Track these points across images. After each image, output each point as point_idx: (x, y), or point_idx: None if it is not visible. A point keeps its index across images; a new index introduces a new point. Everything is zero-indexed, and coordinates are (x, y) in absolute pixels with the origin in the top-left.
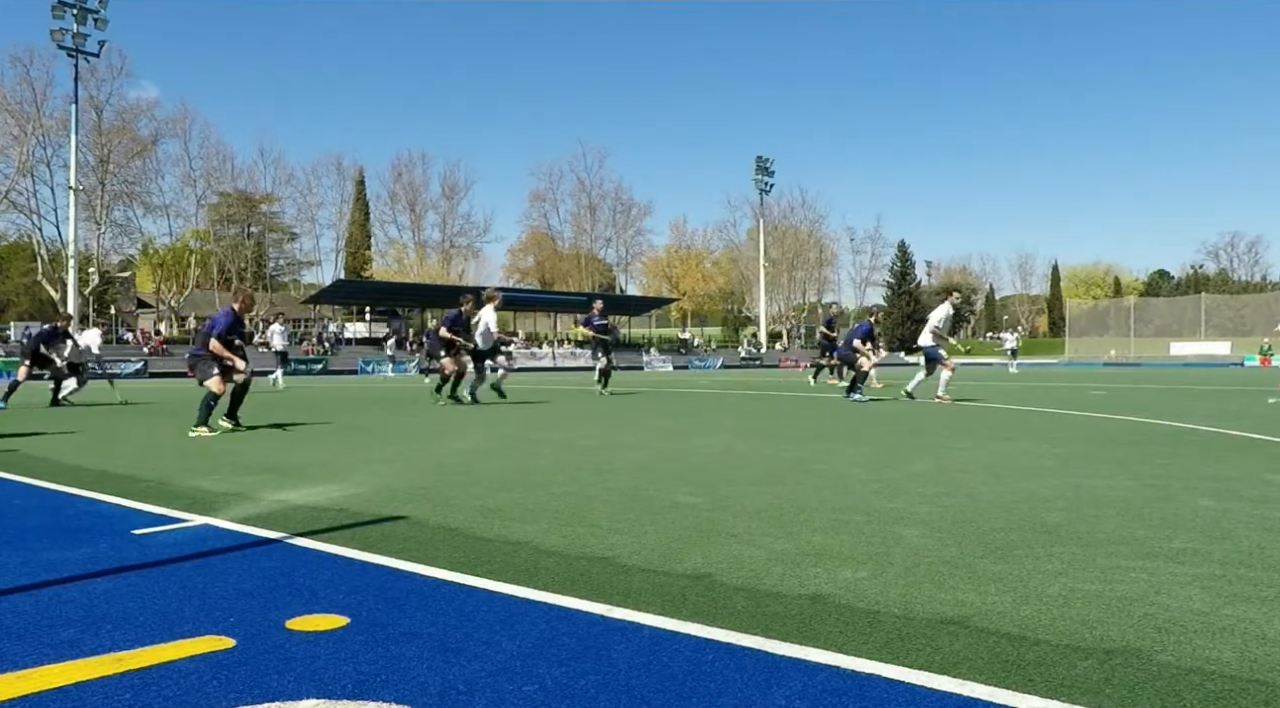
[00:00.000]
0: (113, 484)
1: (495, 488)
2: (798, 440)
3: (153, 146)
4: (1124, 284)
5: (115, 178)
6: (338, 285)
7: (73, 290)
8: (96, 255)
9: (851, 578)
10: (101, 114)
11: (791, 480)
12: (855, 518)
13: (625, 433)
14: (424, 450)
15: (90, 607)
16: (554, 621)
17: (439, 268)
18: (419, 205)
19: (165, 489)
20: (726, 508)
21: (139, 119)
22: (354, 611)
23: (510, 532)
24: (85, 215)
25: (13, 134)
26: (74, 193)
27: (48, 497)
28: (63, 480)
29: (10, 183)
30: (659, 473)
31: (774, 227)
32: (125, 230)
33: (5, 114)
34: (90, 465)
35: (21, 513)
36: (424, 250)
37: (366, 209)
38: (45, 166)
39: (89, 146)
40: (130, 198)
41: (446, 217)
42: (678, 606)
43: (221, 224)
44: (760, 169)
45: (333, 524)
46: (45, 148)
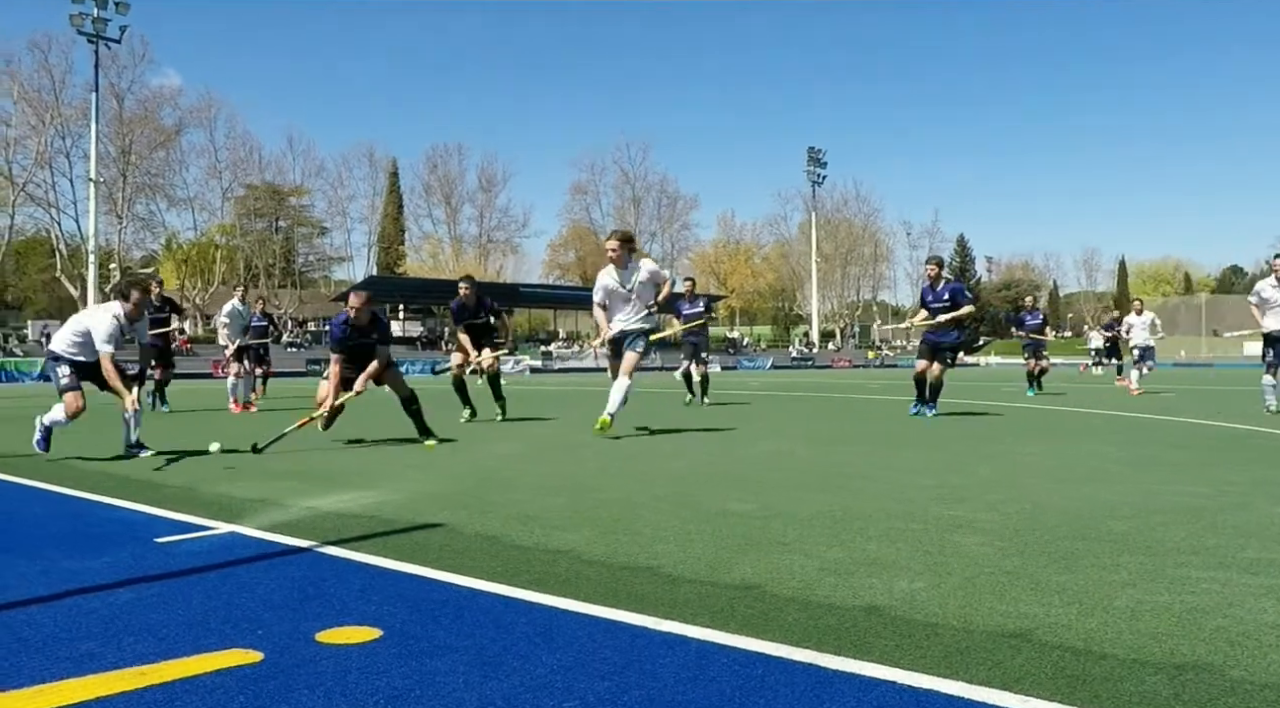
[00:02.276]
0: (135, 490)
1: (534, 494)
2: (852, 444)
3: (176, 137)
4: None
5: (137, 169)
6: (370, 282)
7: (93, 287)
8: (118, 251)
9: (908, 589)
10: (123, 103)
11: (846, 486)
12: (913, 526)
13: (671, 437)
14: (460, 455)
15: (111, 618)
16: (596, 633)
17: (476, 264)
18: (455, 198)
19: (190, 495)
20: (777, 515)
21: (162, 108)
22: (386, 623)
23: (550, 540)
24: (106, 209)
25: (30, 124)
26: (94, 185)
27: (67, 503)
28: (83, 486)
29: (28, 175)
30: (706, 479)
31: (826, 220)
32: (148, 224)
33: (23, 103)
34: (111, 470)
35: (40, 520)
36: (460, 245)
37: (400, 202)
38: (64, 158)
39: (110, 137)
40: (153, 190)
41: (484, 210)
42: (726, 618)
43: (248, 218)
44: (812, 160)
45: (364, 532)
46: (64, 138)
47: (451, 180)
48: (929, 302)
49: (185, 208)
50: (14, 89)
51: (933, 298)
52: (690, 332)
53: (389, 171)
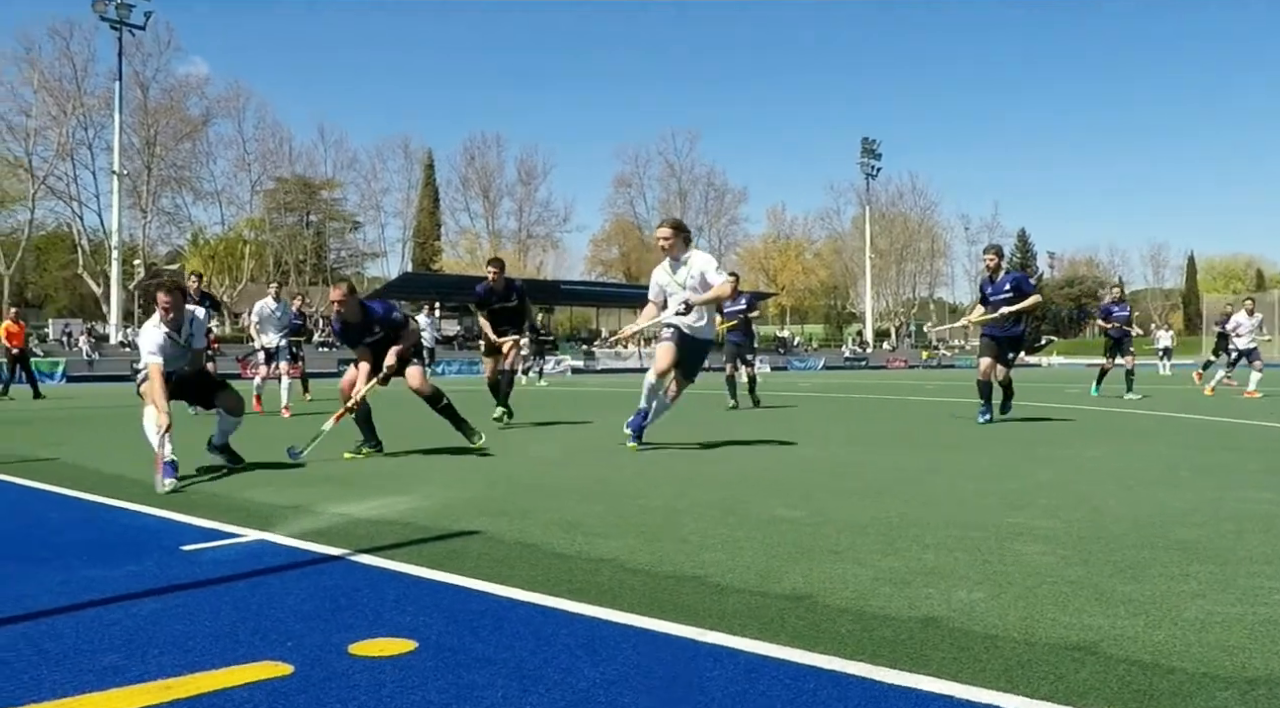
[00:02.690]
0: (159, 495)
1: (576, 500)
2: (907, 448)
3: (203, 127)
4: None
5: (162, 161)
6: (405, 279)
7: (116, 284)
8: (142, 246)
9: (967, 599)
10: (147, 92)
11: (901, 492)
12: (971, 534)
13: (716, 440)
14: (498, 459)
15: (135, 630)
16: (640, 645)
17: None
18: (493, 191)
19: (217, 501)
20: (829, 522)
21: (188, 97)
22: (422, 634)
23: (592, 548)
24: (130, 202)
25: (51, 114)
26: (118, 178)
27: (88, 509)
28: (104, 491)
29: (49, 167)
30: (755, 484)
31: (881, 215)
32: (173, 219)
33: (43, 92)
34: (134, 475)
35: (60, 527)
36: (498, 241)
37: (436, 196)
38: (86, 149)
39: (134, 127)
40: (179, 183)
41: (523, 204)
42: (776, 629)
43: (278, 212)
44: (866, 151)
45: (399, 540)
46: (86, 129)
47: (490, 173)
48: (989, 295)
49: (212, 201)
50: (34, 78)
51: (992, 290)
52: (732, 331)
53: (424, 164)
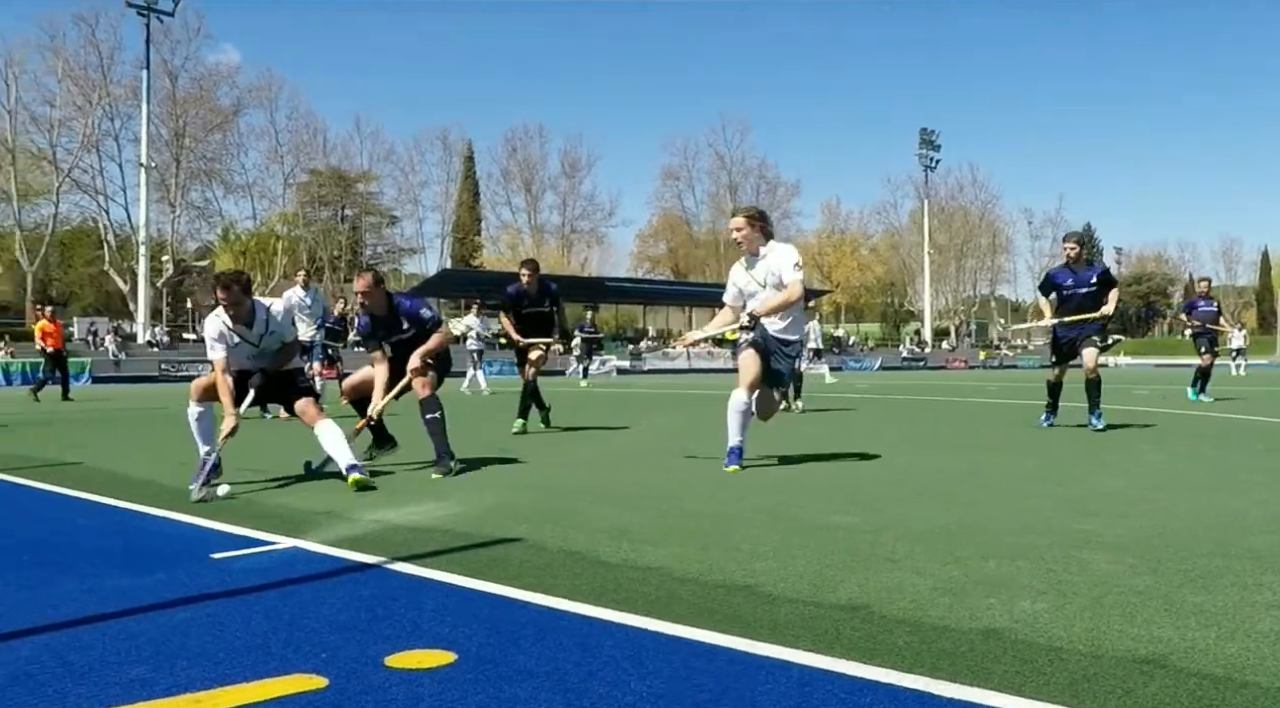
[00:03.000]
0: (189, 501)
1: (622, 506)
2: (968, 452)
3: (234, 118)
4: None
5: (192, 153)
6: (444, 276)
7: (143, 281)
8: (171, 242)
9: (1030, 610)
10: (176, 81)
11: (961, 498)
12: (1034, 541)
13: (768, 442)
14: (541, 463)
15: (163, 641)
16: (689, 657)
17: (558, 255)
18: (535, 185)
19: (249, 507)
20: (886, 529)
21: (219, 87)
22: (462, 646)
23: (639, 556)
24: (158, 196)
25: (76, 104)
26: (145, 170)
27: (115, 516)
28: (132, 497)
29: (74, 159)
30: (808, 489)
31: (940, 208)
32: (203, 213)
33: (68, 81)
34: (163, 480)
35: (86, 534)
36: (541, 236)
37: (476, 189)
38: (113, 141)
39: (162, 118)
40: (209, 176)
41: (566, 197)
42: (830, 641)
43: (312, 206)
44: (925, 142)
45: (438, 547)
46: (113, 119)
47: (532, 165)
48: (1068, 287)
49: (244, 195)
50: (58, 66)
51: (1073, 281)
52: None
53: (464, 156)
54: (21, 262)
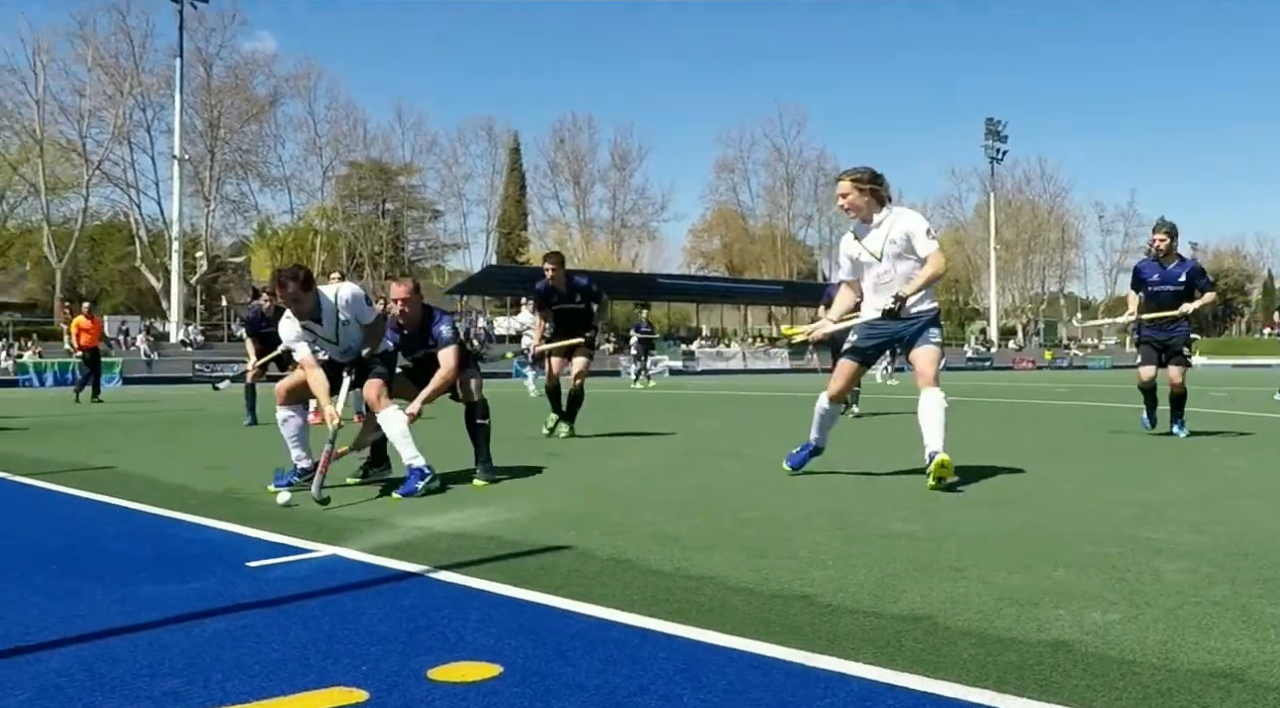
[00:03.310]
0: (223, 507)
1: (674, 512)
2: (1036, 456)
3: (271, 108)
4: None
5: (227, 145)
6: (488, 272)
7: (176, 278)
8: (205, 237)
9: (1101, 621)
10: (211, 70)
11: (1028, 504)
12: (1105, 549)
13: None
14: (590, 467)
15: (197, 653)
16: (744, 670)
17: (608, 251)
18: (584, 178)
19: (286, 513)
20: (949, 536)
21: (255, 75)
22: (507, 658)
23: (692, 564)
24: (192, 189)
25: (107, 94)
26: (178, 163)
27: (147, 522)
28: (164, 502)
29: (104, 151)
30: (868, 495)
31: (1007, 202)
32: (239, 207)
33: (98, 70)
34: (196, 485)
35: (117, 541)
36: (590, 231)
37: (522, 182)
38: (145, 132)
39: (196, 108)
40: (244, 169)
41: (617, 191)
42: (892, 653)
43: (351, 200)
44: (991, 133)
45: (482, 555)
46: (145, 110)
47: (581, 157)
48: (1154, 283)
49: (280, 188)
50: (88, 54)
51: (1160, 277)
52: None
53: (510, 148)
54: (50, 258)
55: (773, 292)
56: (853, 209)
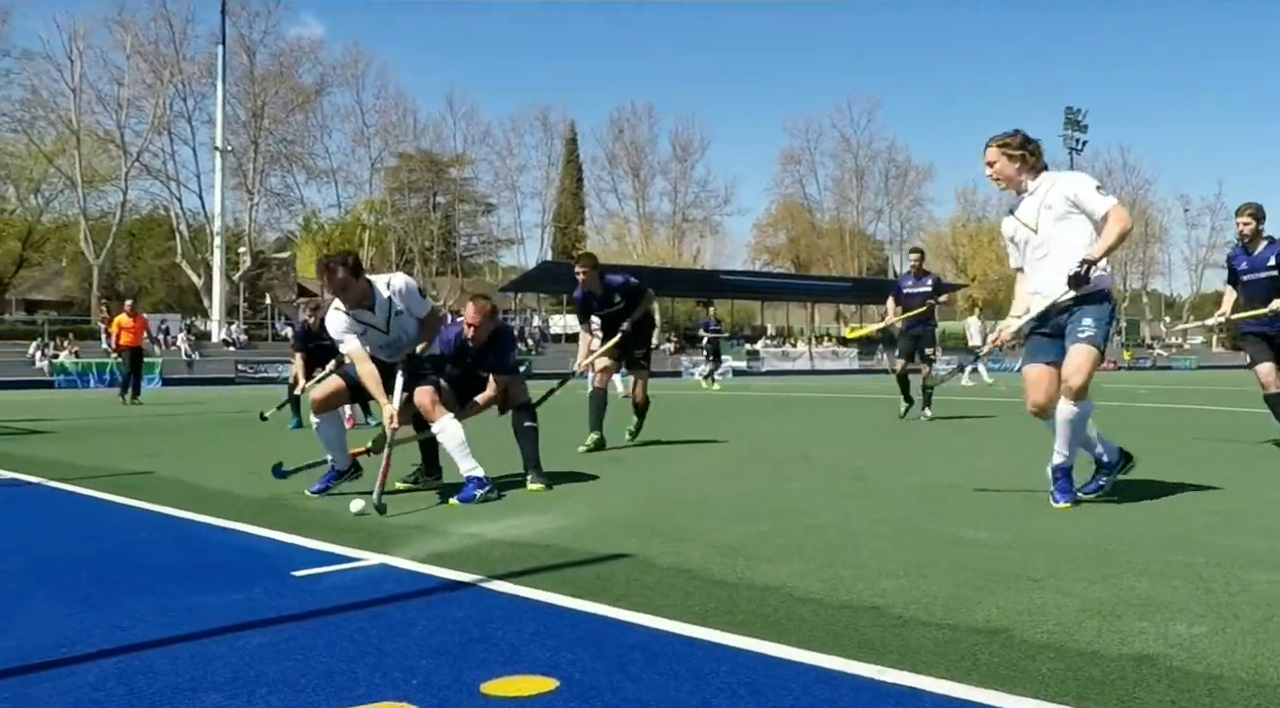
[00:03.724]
0: (267, 514)
1: (738, 520)
2: None
3: (317, 97)
4: None
5: (271, 136)
6: (544, 269)
7: (219, 275)
8: (248, 232)
9: (1186, 634)
10: (254, 57)
11: (1109, 511)
12: (1191, 559)
13: (896, 452)
14: (650, 471)
15: (240, 666)
16: (811, 684)
17: (668, 246)
18: (644, 170)
19: (332, 520)
20: (1026, 545)
21: (300, 63)
22: (564, 671)
23: (757, 574)
24: (234, 182)
25: (146, 82)
26: (221, 154)
27: (188, 529)
28: (206, 509)
29: (143, 142)
30: (941, 501)
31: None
32: (283, 201)
33: (137, 57)
34: (240, 490)
35: (156, 549)
36: (650, 225)
37: (579, 174)
38: (185, 122)
39: (239, 97)
40: (289, 160)
41: (678, 183)
42: (967, 667)
43: (401, 193)
44: (1070, 123)
45: (538, 564)
46: (185, 99)
47: (640, 148)
48: (1244, 271)
49: (327, 181)
50: (127, 41)
51: (1248, 265)
52: (913, 321)
53: (566, 138)
54: (87, 253)
55: (841, 289)
56: (1001, 179)
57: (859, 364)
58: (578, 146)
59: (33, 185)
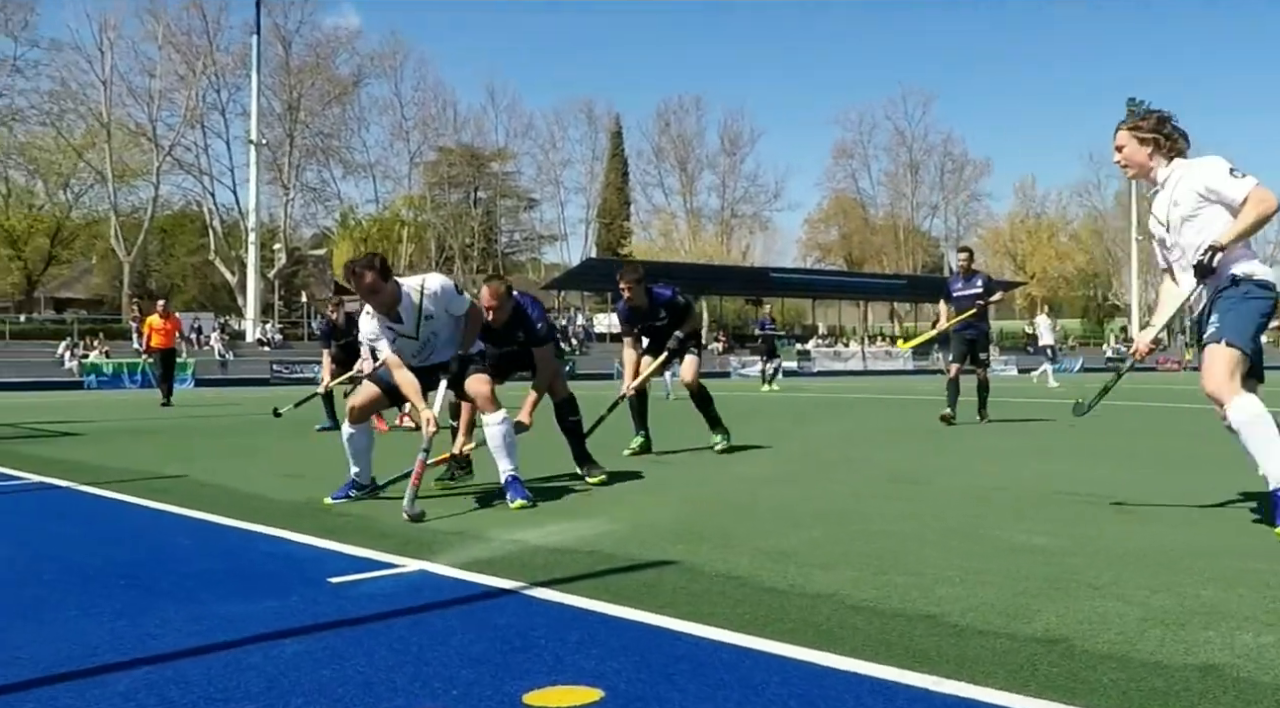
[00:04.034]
0: (304, 519)
1: (788, 525)
2: (1181, 465)
3: (354, 89)
4: None
5: (307, 129)
6: (588, 266)
7: (253, 272)
8: (284, 228)
9: (1253, 644)
10: (290, 48)
11: (1172, 516)
12: (1257, 566)
13: (950, 454)
14: (697, 475)
15: (276, 676)
16: (864, 695)
17: (716, 243)
18: (691, 164)
19: (370, 525)
20: (1086, 551)
21: (337, 54)
22: (609, 681)
23: (808, 581)
24: (269, 177)
25: (179, 74)
26: (255, 148)
27: (222, 535)
28: (241, 514)
29: (175, 135)
30: (997, 506)
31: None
32: (319, 196)
33: (169, 48)
34: (274, 495)
35: (190, 555)
36: (697, 221)
37: (625, 169)
38: (219, 114)
39: (274, 89)
40: (326, 154)
41: (726, 178)
42: (1026, 678)
43: (441, 188)
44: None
45: (582, 571)
46: (219, 91)
47: (687, 141)
48: None
49: (364, 175)
50: (159, 31)
51: None
52: (966, 324)
53: (611, 131)
54: (117, 250)
55: (895, 287)
56: (1130, 166)
57: (913, 365)
58: (623, 140)
59: (62, 180)
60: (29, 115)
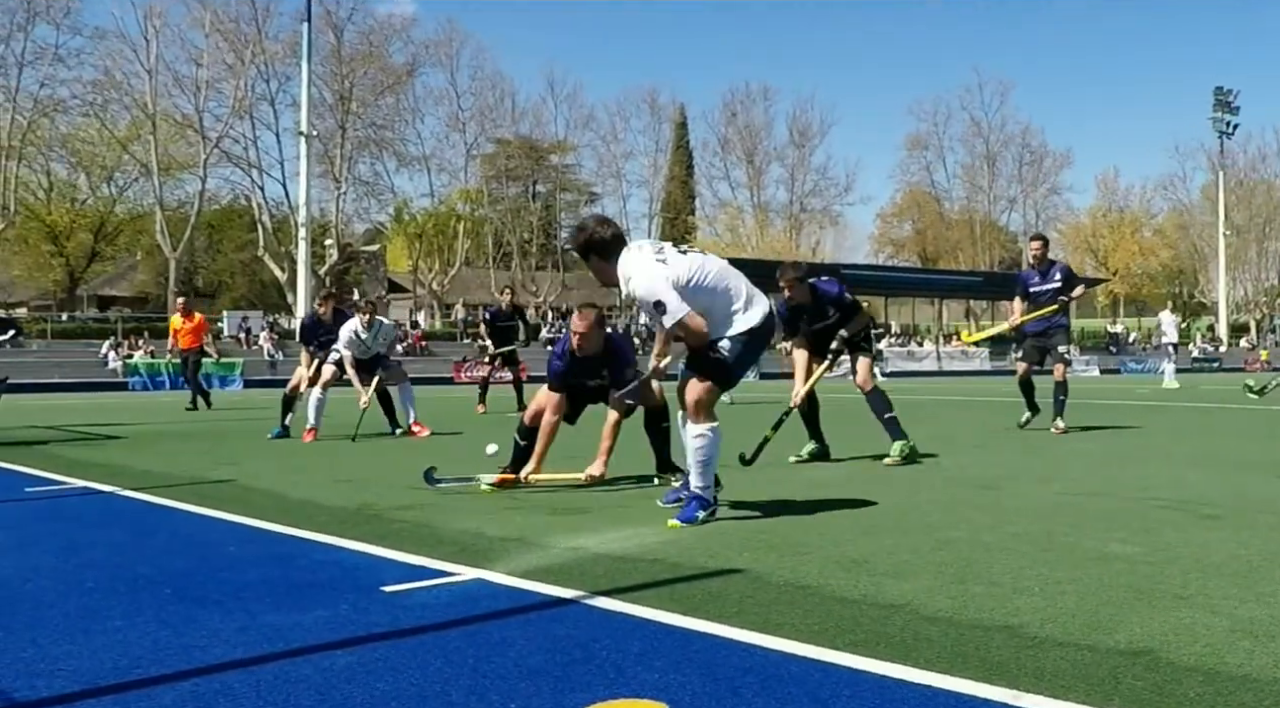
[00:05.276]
0: (355, 525)
1: (860, 532)
2: (1265, 471)
3: (409, 79)
4: None
5: (359, 120)
6: None
7: (304, 269)
8: (335, 223)
9: None
10: (342, 36)
11: (1264, 525)
12: None
13: (1032, 459)
14: (762, 482)
15: (327, 688)
16: None
17: (785, 238)
18: (759, 156)
19: (425, 532)
20: (1173, 560)
21: (391, 42)
22: (673, 694)
23: (881, 591)
24: (320, 170)
25: (226, 63)
26: (306, 140)
27: (271, 541)
28: (290, 520)
29: (223, 127)
30: (1079, 513)
31: (1238, 182)
32: (372, 190)
33: (216, 36)
34: (326, 500)
35: (238, 563)
36: (765, 215)
37: (689, 161)
38: (268, 105)
39: (325, 79)
40: (379, 146)
41: (795, 171)
42: (1108, 691)
43: (499, 181)
44: (1220, 105)
45: (645, 579)
46: (268, 81)
47: (755, 133)
48: None
49: (419, 169)
50: (205, 19)
51: None
52: (1042, 321)
53: (676, 122)
54: (163, 246)
55: (971, 283)
56: None
57: (990, 365)
58: (688, 131)
59: (105, 173)
60: (71, 106)
